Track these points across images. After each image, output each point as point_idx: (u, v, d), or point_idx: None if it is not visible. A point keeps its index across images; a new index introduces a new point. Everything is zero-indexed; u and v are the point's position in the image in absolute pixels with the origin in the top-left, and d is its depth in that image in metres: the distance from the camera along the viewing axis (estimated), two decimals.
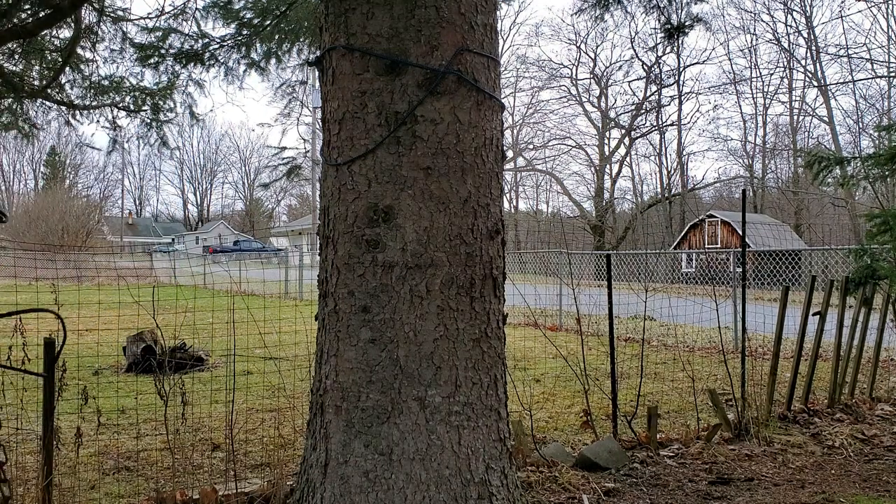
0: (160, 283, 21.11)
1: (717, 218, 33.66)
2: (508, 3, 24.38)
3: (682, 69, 42.11)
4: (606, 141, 45.56)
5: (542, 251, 22.76)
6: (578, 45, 57.36)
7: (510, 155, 43.73)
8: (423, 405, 2.50)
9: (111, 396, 5.50)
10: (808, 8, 42.03)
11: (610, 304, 4.59)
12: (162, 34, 5.73)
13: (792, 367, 4.96)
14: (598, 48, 67.89)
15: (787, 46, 39.38)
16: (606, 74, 44.39)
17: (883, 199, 25.81)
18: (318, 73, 2.80)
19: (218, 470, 3.77)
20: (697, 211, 40.79)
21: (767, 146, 44.28)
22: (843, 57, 35.66)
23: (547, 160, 47.62)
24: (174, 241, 61.43)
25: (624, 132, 44.71)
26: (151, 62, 5.84)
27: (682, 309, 8.98)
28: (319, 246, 2.76)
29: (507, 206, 30.76)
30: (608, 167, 45.34)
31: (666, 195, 44.39)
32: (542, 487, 3.40)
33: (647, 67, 42.14)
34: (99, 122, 7.06)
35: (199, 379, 6.26)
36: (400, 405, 2.49)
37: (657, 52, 38.04)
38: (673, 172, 45.59)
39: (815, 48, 36.47)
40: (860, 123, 35.24)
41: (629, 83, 58.16)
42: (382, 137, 2.52)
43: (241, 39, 5.67)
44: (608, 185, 45.35)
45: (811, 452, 4.16)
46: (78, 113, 6.95)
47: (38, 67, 6.59)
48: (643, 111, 43.37)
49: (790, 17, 44.04)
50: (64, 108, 6.93)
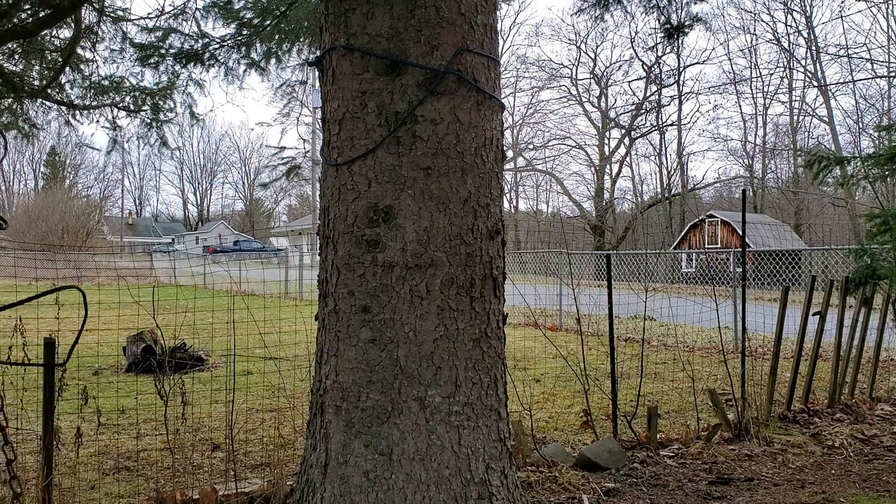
0: (160, 283, 21.11)
1: (717, 218, 33.67)
2: (508, 3, 24.39)
3: (682, 69, 42.16)
4: (606, 141, 45.60)
5: (542, 251, 22.76)
6: (578, 45, 57.37)
7: (510, 155, 43.71)
8: (423, 405, 2.50)
9: (111, 396, 5.50)
10: (808, 8, 42.03)
11: (610, 304, 4.59)
12: (162, 34, 5.73)
13: (792, 367, 4.96)
14: (598, 48, 68.00)
15: (787, 46, 39.43)
16: (606, 74, 44.44)
17: (883, 199, 25.80)
18: (318, 73, 2.80)
19: (218, 470, 3.77)
20: (697, 211, 40.79)
21: (767, 146, 44.31)
22: (843, 57, 35.70)
23: (547, 160, 47.67)
24: (174, 241, 61.42)
25: (624, 132, 44.73)
26: (151, 62, 5.84)
27: (682, 309, 8.98)
28: (319, 246, 2.76)
29: (507, 206, 30.75)
30: (608, 167, 45.36)
31: (666, 195, 44.39)
32: (542, 487, 3.40)
33: (647, 67, 42.18)
34: (99, 122, 7.06)
35: (199, 379, 6.26)
36: (400, 405, 2.49)
37: (657, 52, 38.08)
38: (673, 172, 45.64)
39: (815, 48, 36.50)
40: (860, 123, 35.28)
41: (629, 83, 58.22)
42: (382, 137, 2.52)
43: (241, 39, 5.66)
44: (608, 185, 45.38)
45: (811, 452, 4.16)
46: (78, 113, 6.95)
47: (38, 67, 6.59)
48: (643, 111, 43.39)
49: (790, 17, 44.06)
50: (64, 108, 6.93)
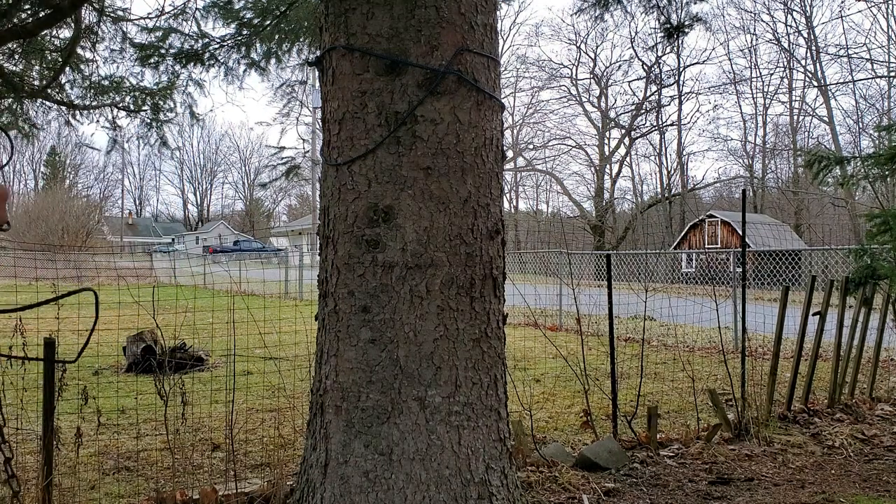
0: (160, 283, 21.11)
1: (717, 218, 33.67)
2: (508, 3, 24.39)
3: (682, 69, 42.17)
4: (606, 141, 45.59)
5: (542, 251, 22.76)
6: (578, 45, 57.38)
7: (510, 155, 43.71)
8: (423, 405, 2.50)
9: (111, 396, 5.50)
10: (808, 8, 42.04)
11: (610, 304, 4.59)
12: (162, 34, 5.73)
13: (792, 367, 4.96)
14: (598, 48, 67.95)
15: (787, 46, 39.43)
16: (606, 74, 44.44)
17: (883, 199, 25.81)
18: (318, 73, 2.80)
19: (218, 470, 3.77)
20: (697, 211, 40.79)
21: (767, 146, 44.31)
22: (843, 57, 35.71)
23: (547, 160, 47.67)
24: (174, 241, 61.40)
25: (624, 132, 44.72)
26: (151, 62, 5.84)
27: (682, 309, 8.98)
28: (319, 246, 2.75)
29: (507, 206, 30.73)
30: (608, 167, 45.36)
31: (666, 195, 44.39)
32: (542, 487, 3.40)
33: (647, 67, 42.18)
34: (99, 122, 7.07)
35: (199, 379, 6.26)
36: (400, 405, 2.49)
37: (657, 51, 38.09)
38: (673, 172, 45.64)
39: (815, 48, 36.51)
40: (860, 123, 35.28)
41: (629, 83, 58.23)
42: (382, 137, 2.52)
43: (241, 39, 5.67)
44: (608, 185, 45.38)
45: (811, 452, 4.16)
46: (78, 113, 6.96)
47: (38, 67, 6.59)
48: (643, 111, 43.39)
49: (790, 17, 44.06)
50: (64, 108, 6.94)
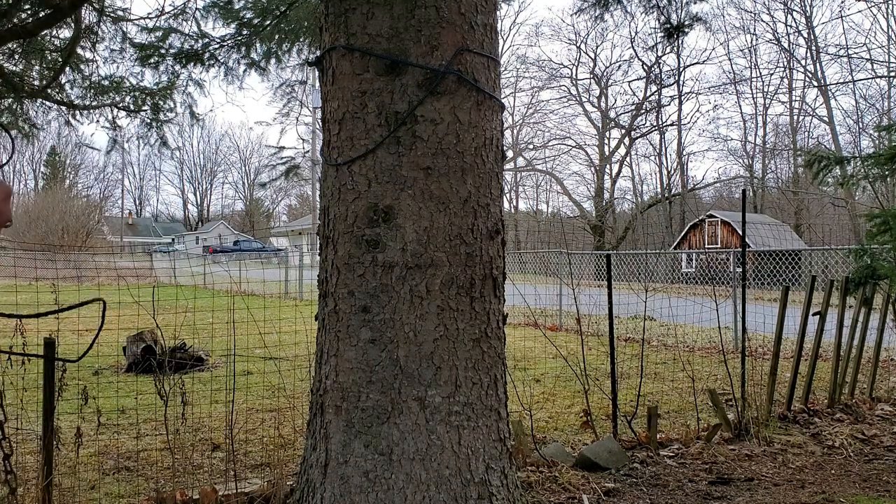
0: (160, 283, 21.11)
1: (717, 218, 33.67)
2: (508, 3, 24.38)
3: (682, 69, 42.16)
4: (606, 141, 45.59)
5: (542, 251, 22.76)
6: (578, 45, 57.38)
7: (510, 155, 43.71)
8: (423, 405, 2.50)
9: (111, 396, 5.50)
10: (808, 8, 42.04)
11: (610, 304, 4.59)
12: (162, 34, 5.73)
13: (792, 367, 4.96)
14: (598, 48, 67.99)
15: (787, 46, 39.43)
16: (606, 74, 44.43)
17: (883, 199, 25.81)
18: (318, 73, 2.80)
19: (218, 470, 3.77)
20: (697, 211, 40.79)
21: (767, 146, 44.31)
22: (843, 57, 35.71)
23: (547, 160, 47.67)
24: (174, 241, 61.40)
25: (624, 132, 44.72)
26: (151, 62, 5.84)
27: (682, 309, 8.97)
28: (319, 246, 2.75)
29: (507, 206, 30.73)
30: (608, 167, 45.36)
31: (666, 195, 44.39)
32: (542, 487, 3.40)
33: (647, 67, 42.18)
34: (99, 122, 7.07)
35: (199, 379, 6.26)
36: (400, 405, 2.49)
37: (657, 51, 38.10)
38: (673, 172, 45.64)
39: (815, 48, 36.51)
40: (860, 123, 35.28)
41: (629, 83, 58.24)
42: (382, 137, 2.52)
43: (241, 39, 5.66)
44: (608, 185, 45.38)
45: (811, 452, 4.16)
46: (78, 113, 6.95)
47: (38, 67, 6.59)
48: (643, 111, 43.39)
49: (790, 17, 44.08)
50: (64, 108, 6.94)
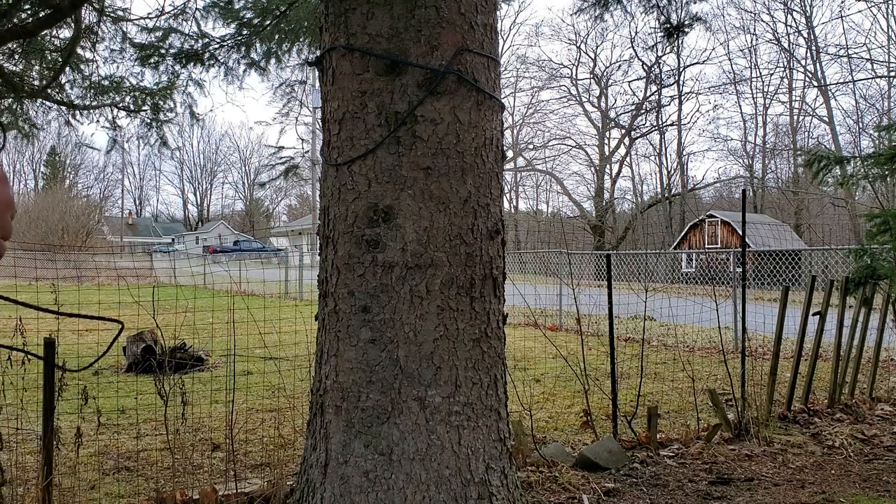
0: (160, 283, 21.11)
1: (717, 218, 33.66)
2: (508, 3, 24.38)
3: (682, 69, 42.15)
4: (606, 141, 45.58)
5: (542, 251, 22.75)
6: (578, 45, 57.37)
7: (510, 155, 43.70)
8: (423, 405, 2.50)
9: (111, 396, 5.50)
10: (808, 8, 42.05)
11: (610, 304, 4.59)
12: (162, 34, 5.73)
13: (792, 367, 4.96)
14: (598, 48, 67.96)
15: (787, 46, 39.43)
16: (606, 74, 44.42)
17: (883, 199, 25.81)
18: (318, 73, 2.80)
19: (218, 470, 3.77)
20: (697, 211, 40.78)
21: (767, 146, 44.30)
22: (843, 57, 35.70)
23: (547, 160, 47.66)
24: (174, 241, 61.38)
25: (624, 132, 44.72)
26: (151, 62, 5.84)
27: (682, 309, 8.98)
28: (319, 246, 2.75)
29: (507, 206, 30.72)
30: (608, 167, 45.35)
31: (666, 195, 44.38)
32: (542, 487, 3.40)
33: (647, 67, 42.16)
34: (99, 122, 7.07)
35: (199, 379, 6.26)
36: (400, 405, 2.49)
37: (657, 51, 38.09)
38: (673, 172, 45.63)
39: (815, 48, 36.50)
40: (860, 123, 35.29)
41: (629, 83, 58.22)
42: (382, 137, 2.52)
43: (241, 39, 5.67)
44: (608, 185, 45.37)
45: (811, 452, 4.16)
46: (78, 113, 6.96)
47: (38, 67, 6.59)
48: (643, 111, 43.38)
49: (790, 17, 44.14)
50: (64, 108, 6.94)
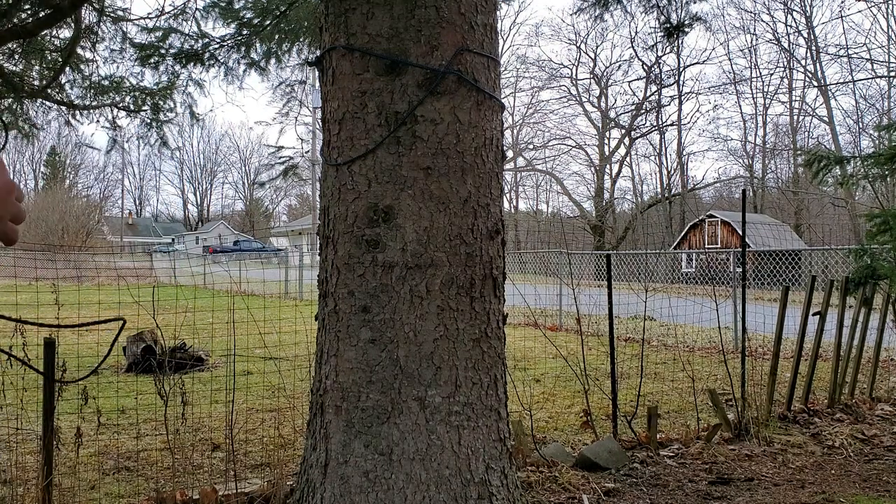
0: (160, 283, 21.10)
1: (717, 218, 33.66)
2: (508, 3, 24.38)
3: (682, 69, 42.17)
4: (606, 141, 45.59)
5: (542, 251, 22.75)
6: (578, 45, 57.42)
7: (510, 155, 43.70)
8: (423, 405, 2.50)
9: (111, 396, 5.50)
10: (808, 8, 42.08)
11: (610, 304, 4.59)
12: (162, 34, 5.73)
13: (792, 367, 4.96)
14: (598, 48, 68.01)
15: (787, 46, 39.44)
16: (606, 74, 44.44)
17: (883, 198, 25.81)
18: (318, 73, 2.80)
19: (218, 470, 3.77)
20: (697, 211, 40.78)
21: (767, 146, 44.31)
22: (843, 57, 35.72)
23: (547, 160, 47.68)
24: (174, 241, 61.37)
25: (624, 132, 44.72)
26: (151, 62, 5.84)
27: (682, 309, 8.97)
28: (319, 246, 2.75)
29: (507, 206, 30.71)
30: (608, 167, 45.36)
31: (666, 195, 44.39)
32: (542, 487, 3.40)
33: (647, 67, 42.18)
34: (99, 122, 7.07)
35: (199, 379, 6.26)
36: (400, 405, 2.49)
37: (657, 51, 38.08)
38: (673, 172, 45.64)
39: (815, 48, 36.51)
40: (860, 123, 35.29)
41: (629, 83, 58.26)
42: (382, 137, 2.52)
43: (241, 39, 5.67)
44: (608, 185, 45.37)
45: (811, 452, 4.16)
46: (78, 113, 6.96)
47: (38, 67, 6.59)
48: (643, 111, 43.39)
49: (790, 17, 44.18)
50: (64, 108, 6.94)
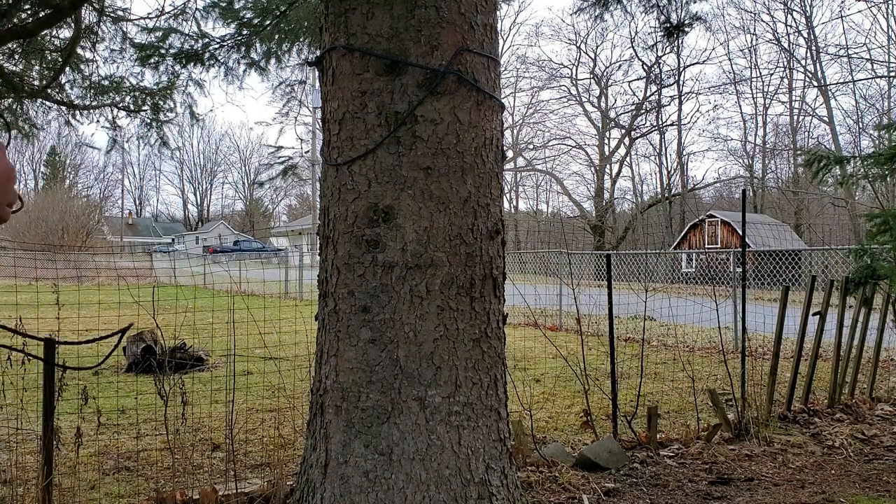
0: (160, 283, 21.10)
1: (717, 218, 33.67)
2: (508, 3, 24.38)
3: (682, 69, 42.16)
4: (606, 141, 45.59)
5: (542, 251, 22.75)
6: (578, 45, 57.46)
7: (510, 155, 43.70)
8: (423, 405, 2.50)
9: (111, 396, 5.50)
10: (808, 8, 42.10)
11: (610, 304, 4.59)
12: (162, 34, 5.73)
13: (792, 367, 4.96)
14: (598, 48, 68.10)
15: (787, 46, 39.44)
16: (606, 74, 44.43)
17: (883, 198, 25.80)
18: (318, 73, 2.80)
19: (218, 470, 3.77)
20: (697, 211, 40.78)
21: (767, 146, 44.31)
22: (843, 57, 35.71)
23: (547, 160, 47.67)
24: (174, 241, 61.38)
25: (624, 132, 44.72)
26: (151, 62, 5.84)
27: (682, 309, 8.97)
28: (319, 246, 2.75)
29: (507, 206, 30.73)
30: (608, 167, 45.35)
31: (666, 195, 44.38)
32: (542, 487, 3.40)
33: (647, 67, 42.17)
34: (99, 122, 7.07)
35: (199, 379, 6.26)
36: (400, 405, 2.49)
37: (657, 51, 38.10)
38: (673, 172, 45.63)
39: (815, 48, 36.51)
40: (860, 123, 35.28)
41: (629, 83, 58.25)
42: (382, 137, 2.52)
43: (241, 39, 5.66)
44: (608, 185, 45.37)
45: (811, 452, 4.16)
46: (78, 113, 6.95)
47: (38, 67, 6.59)
48: (643, 111, 43.39)
49: (790, 17, 44.17)
50: (64, 108, 6.94)
